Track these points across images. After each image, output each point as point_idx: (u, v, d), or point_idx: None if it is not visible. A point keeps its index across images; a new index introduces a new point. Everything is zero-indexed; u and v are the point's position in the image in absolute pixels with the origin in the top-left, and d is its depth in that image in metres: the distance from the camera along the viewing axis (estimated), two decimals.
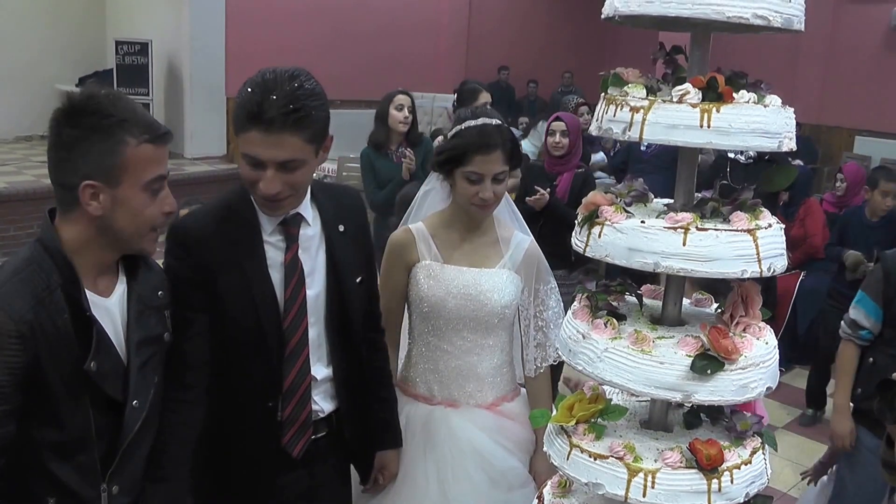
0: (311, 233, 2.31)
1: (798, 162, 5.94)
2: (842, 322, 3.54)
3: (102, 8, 12.65)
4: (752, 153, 5.79)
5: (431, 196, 2.89)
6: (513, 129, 2.75)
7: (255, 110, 2.01)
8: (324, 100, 2.12)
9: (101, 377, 1.87)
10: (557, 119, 5.25)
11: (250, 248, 2.23)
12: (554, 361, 2.81)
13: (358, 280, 2.40)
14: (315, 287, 2.31)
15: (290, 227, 2.26)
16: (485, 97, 5.46)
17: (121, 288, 1.99)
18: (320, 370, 2.35)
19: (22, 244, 1.90)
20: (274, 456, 2.32)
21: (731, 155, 5.94)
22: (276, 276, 2.25)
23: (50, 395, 1.79)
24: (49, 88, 11.89)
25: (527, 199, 4.90)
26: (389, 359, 2.66)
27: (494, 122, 2.59)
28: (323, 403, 2.38)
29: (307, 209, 2.29)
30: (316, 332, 2.33)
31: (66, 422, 1.83)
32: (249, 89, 2.04)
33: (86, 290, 1.86)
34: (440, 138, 4.81)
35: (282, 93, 2.02)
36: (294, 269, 2.25)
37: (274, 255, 2.25)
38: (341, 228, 2.36)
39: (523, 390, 2.84)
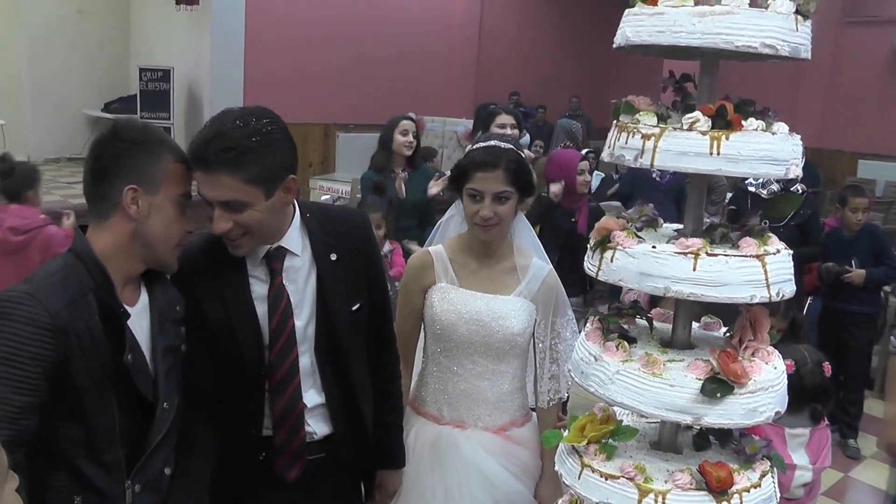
0: (300, 263, 2.25)
1: (800, 186, 5.86)
2: (892, 338, 3.49)
3: (127, 37, 12.81)
4: (775, 187, 5.72)
5: (454, 222, 2.86)
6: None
7: (194, 150, 2.00)
8: (274, 141, 2.05)
9: (136, 371, 1.94)
10: (584, 159, 5.21)
11: (234, 281, 2.19)
12: (566, 393, 2.77)
13: (355, 307, 2.32)
14: (303, 317, 2.25)
15: (273, 262, 2.20)
16: (504, 118, 5.31)
17: (143, 300, 2.05)
18: (313, 397, 2.30)
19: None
20: (261, 477, 2.28)
21: (752, 189, 5.82)
22: (262, 308, 2.20)
23: (78, 394, 1.82)
24: (76, 113, 12.08)
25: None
26: (400, 381, 2.61)
27: (504, 144, 2.56)
28: (317, 426, 2.32)
29: (293, 240, 2.23)
30: (308, 360, 2.27)
31: (92, 420, 1.85)
32: (198, 132, 2.02)
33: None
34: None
35: (222, 133, 1.99)
36: (278, 302, 2.20)
37: (259, 288, 2.21)
38: (333, 257, 2.28)
39: (534, 415, 2.78)
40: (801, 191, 5.75)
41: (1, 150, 8.54)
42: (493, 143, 2.57)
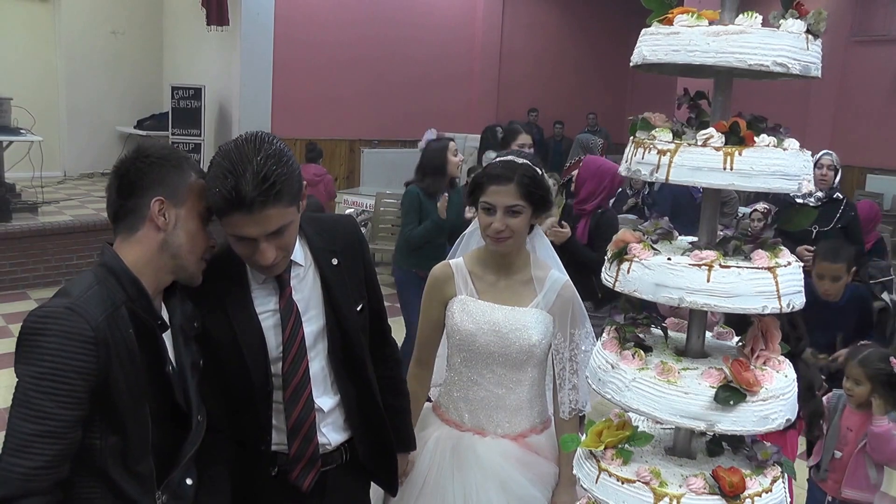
0: (303, 273, 2.22)
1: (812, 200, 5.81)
2: None
3: (160, 56, 12.95)
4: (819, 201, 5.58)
5: (475, 236, 2.85)
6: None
7: (233, 195, 1.90)
8: (289, 157, 1.99)
9: (177, 381, 1.93)
10: (576, 167, 5.08)
11: (238, 298, 2.15)
12: (588, 406, 2.75)
13: (359, 307, 2.31)
14: (312, 324, 2.21)
15: (282, 274, 2.16)
16: (523, 138, 5.18)
17: (164, 316, 2.01)
18: (327, 401, 2.26)
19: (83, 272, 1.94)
20: (274, 491, 2.25)
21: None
22: (271, 321, 2.16)
23: (116, 406, 1.79)
24: (110, 130, 12.23)
25: (545, 230, 4.25)
26: (401, 367, 2.58)
27: (519, 160, 2.56)
28: (331, 435, 2.29)
29: (296, 251, 2.18)
30: (319, 365, 2.24)
31: (128, 432, 1.83)
32: (220, 176, 1.92)
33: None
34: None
35: (252, 170, 1.90)
36: (289, 313, 2.16)
37: (266, 301, 2.17)
38: (335, 262, 2.25)
39: (553, 422, 2.76)
40: (813, 204, 5.67)
41: (39, 165, 8.72)
42: (509, 158, 2.57)
